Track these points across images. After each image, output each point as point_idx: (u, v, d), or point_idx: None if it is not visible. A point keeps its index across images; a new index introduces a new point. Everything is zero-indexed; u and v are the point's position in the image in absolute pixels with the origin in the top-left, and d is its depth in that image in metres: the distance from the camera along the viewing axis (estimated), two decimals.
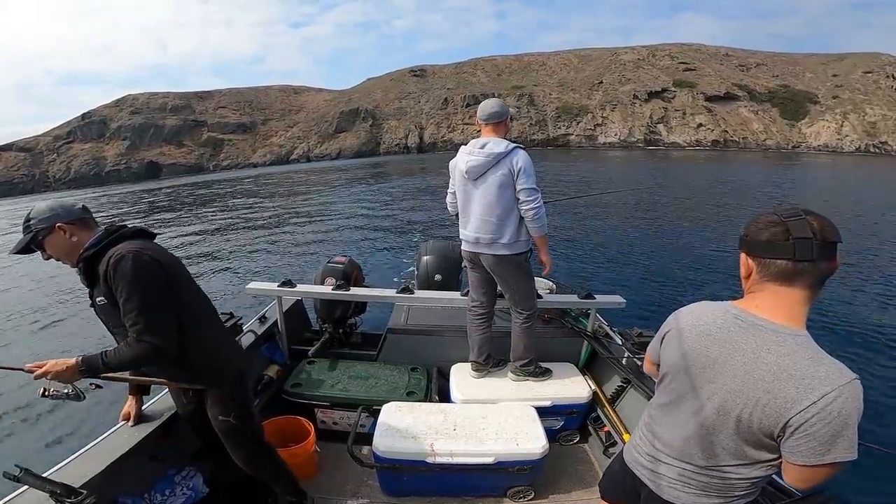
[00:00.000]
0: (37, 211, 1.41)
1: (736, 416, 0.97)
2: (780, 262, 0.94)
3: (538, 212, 2.20)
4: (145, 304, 1.33)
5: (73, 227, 1.41)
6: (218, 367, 1.58)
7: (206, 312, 1.61)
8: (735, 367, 0.97)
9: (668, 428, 1.16)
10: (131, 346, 1.34)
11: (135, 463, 1.66)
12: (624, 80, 66.63)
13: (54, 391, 1.38)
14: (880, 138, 50.96)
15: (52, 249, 1.42)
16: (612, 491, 1.41)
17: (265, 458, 1.76)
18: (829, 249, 0.91)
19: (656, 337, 1.24)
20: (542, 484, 2.16)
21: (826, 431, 0.85)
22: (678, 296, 6.89)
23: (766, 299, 0.98)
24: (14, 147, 63.97)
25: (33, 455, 3.65)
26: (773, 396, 0.91)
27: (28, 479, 1.29)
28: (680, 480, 1.12)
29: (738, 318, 1.01)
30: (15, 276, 10.43)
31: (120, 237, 1.42)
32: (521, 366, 2.50)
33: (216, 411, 1.59)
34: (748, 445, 0.99)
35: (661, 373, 1.20)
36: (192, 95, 78.22)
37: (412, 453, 1.95)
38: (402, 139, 65.96)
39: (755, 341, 0.96)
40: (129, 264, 1.32)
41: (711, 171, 27.44)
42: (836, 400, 0.85)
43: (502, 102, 2.37)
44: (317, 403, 2.44)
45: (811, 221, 0.91)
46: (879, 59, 62.14)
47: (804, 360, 0.90)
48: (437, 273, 3.31)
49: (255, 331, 2.59)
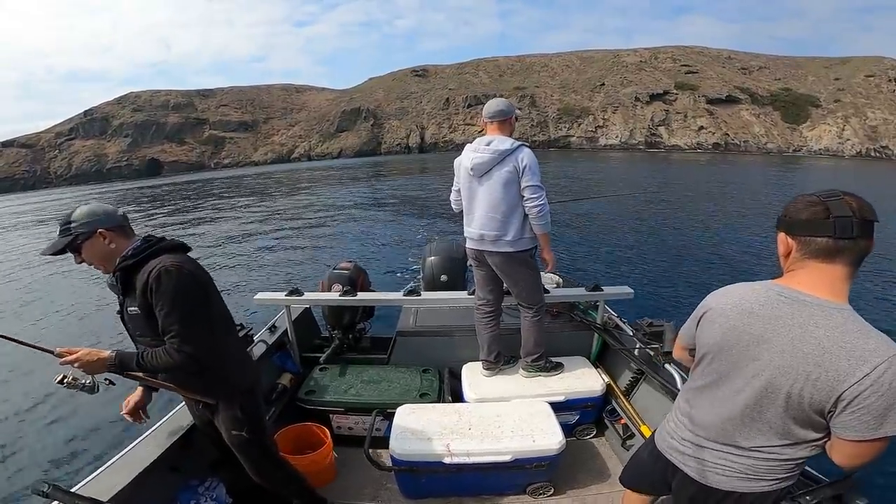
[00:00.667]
0: (79, 214, 1.40)
1: (786, 392, 0.97)
2: (821, 239, 0.95)
3: (542, 209, 2.20)
4: (186, 316, 1.36)
5: (113, 234, 1.41)
6: (231, 381, 1.58)
7: (227, 326, 1.63)
8: (782, 342, 0.97)
9: (707, 411, 1.15)
10: (171, 354, 1.36)
11: (158, 475, 1.67)
12: (626, 81, 66.63)
13: (73, 380, 1.38)
14: (881, 142, 50.92)
15: (88, 254, 1.41)
16: (636, 479, 1.41)
17: (278, 470, 1.76)
18: (867, 227, 0.93)
19: (690, 320, 1.23)
20: (560, 479, 2.16)
21: (880, 404, 0.86)
22: (686, 285, 6.95)
23: (808, 276, 0.99)
24: (16, 143, 64.07)
25: (53, 465, 3.70)
26: (824, 370, 0.90)
27: (57, 494, 1.30)
28: (722, 464, 1.11)
29: (781, 295, 1.01)
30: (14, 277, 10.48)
31: (160, 250, 1.43)
32: (531, 361, 2.50)
33: (228, 425, 1.59)
34: (796, 424, 0.98)
35: (698, 355, 1.19)
36: (194, 93, 78.30)
37: (429, 455, 1.95)
38: (404, 139, 65.98)
39: (801, 316, 0.96)
40: (173, 278, 1.34)
41: (712, 174, 27.45)
42: (888, 371, 0.85)
43: (508, 101, 2.37)
44: (331, 409, 2.44)
45: (849, 201, 0.94)
46: (882, 62, 62.10)
47: (853, 332, 0.90)
48: (442, 273, 3.30)
49: (266, 340, 2.60)
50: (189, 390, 1.58)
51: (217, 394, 1.58)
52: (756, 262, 8.25)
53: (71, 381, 1.37)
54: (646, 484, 1.37)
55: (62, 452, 3.89)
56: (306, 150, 67.79)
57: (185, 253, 1.52)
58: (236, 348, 1.68)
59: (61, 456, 3.85)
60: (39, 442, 4.06)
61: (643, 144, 58.39)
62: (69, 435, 4.07)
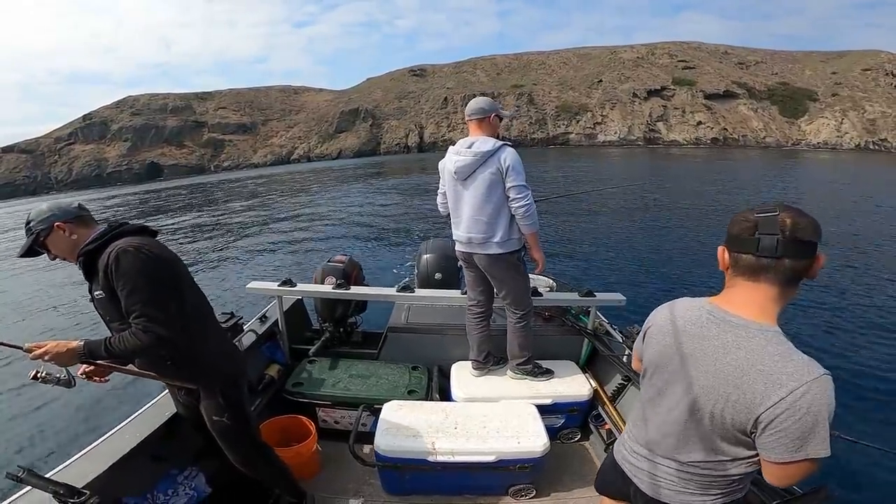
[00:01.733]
0: (35, 213, 1.45)
1: (709, 412, 0.97)
2: (746, 256, 0.94)
3: (528, 209, 2.17)
4: (148, 295, 1.35)
5: (71, 226, 1.44)
6: (211, 368, 1.57)
7: (203, 312, 1.61)
8: (706, 363, 0.98)
9: (651, 424, 1.16)
10: (136, 335, 1.35)
11: (137, 463, 1.66)
12: (623, 78, 66.64)
13: (47, 374, 1.37)
14: (880, 135, 50.97)
15: (55, 249, 1.45)
16: (604, 486, 1.43)
17: (261, 459, 1.75)
18: (797, 247, 0.89)
19: (640, 334, 1.25)
20: (543, 482, 2.16)
21: (797, 427, 0.85)
22: (678, 293, 6.85)
23: (738, 295, 0.99)
24: (16, 149, 64.18)
25: (33, 455, 3.69)
26: (742, 392, 0.91)
27: (31, 479, 1.29)
28: (670, 479, 1.11)
29: (710, 314, 1.01)
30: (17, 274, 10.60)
31: (121, 233, 1.44)
32: (517, 365, 2.49)
33: (210, 412, 1.59)
34: (724, 442, 0.99)
35: (643, 369, 1.21)
36: (192, 96, 78.39)
37: (413, 452, 1.95)
38: (403, 139, 66.07)
39: (725, 337, 0.96)
40: (129, 258, 1.34)
41: (711, 169, 27.43)
42: (805, 396, 0.84)
43: (490, 100, 2.32)
44: (318, 402, 2.43)
45: (784, 218, 0.90)
46: (878, 56, 62.12)
47: (772, 355, 0.89)
48: (437, 272, 3.30)
49: (256, 330, 2.59)
50: (167, 377, 1.58)
51: (197, 379, 1.57)
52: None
53: (45, 375, 1.36)
54: (614, 491, 1.37)
55: (38, 438, 3.87)
56: (305, 151, 67.86)
57: (151, 236, 1.52)
58: (215, 334, 1.66)
59: (37, 442, 3.83)
60: (14, 427, 4.05)
61: (642, 140, 58.40)
62: (46, 421, 4.07)
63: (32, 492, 1.35)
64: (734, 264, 0.99)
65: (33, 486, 1.32)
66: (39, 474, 1.32)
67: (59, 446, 3.74)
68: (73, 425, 4.04)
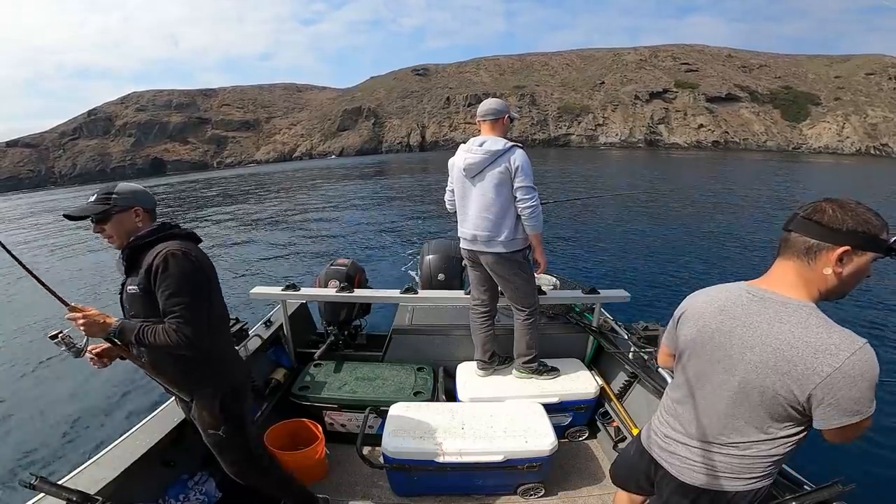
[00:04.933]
0: (123, 188, 1.47)
1: (758, 387, 0.99)
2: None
3: (534, 210, 2.18)
4: (189, 300, 1.38)
5: (146, 214, 1.49)
6: (213, 379, 1.56)
7: (221, 323, 1.63)
8: (752, 339, 1.00)
9: (687, 408, 1.16)
10: (169, 333, 1.37)
11: (148, 468, 1.67)
12: (626, 80, 66.73)
13: (67, 337, 1.33)
14: (881, 140, 50.97)
15: (115, 226, 1.44)
16: (624, 475, 1.43)
17: (259, 472, 1.72)
18: (805, 225, 0.96)
19: (670, 323, 1.25)
20: (552, 480, 2.16)
21: (851, 395, 0.89)
22: (683, 289, 6.62)
23: (773, 273, 1.03)
24: (20, 143, 64.60)
25: (44, 462, 3.70)
26: (793, 365, 0.93)
27: (44, 486, 1.30)
28: (700, 462, 1.12)
29: (749, 293, 1.05)
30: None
31: (171, 235, 1.46)
32: (524, 363, 2.49)
33: (205, 425, 1.56)
34: (772, 419, 1.00)
35: (678, 353, 1.21)
36: (196, 93, 78.70)
37: (421, 453, 1.95)
38: (405, 138, 66.25)
39: (768, 313, 0.99)
40: (179, 261, 1.37)
41: (712, 173, 27.33)
42: (855, 365, 0.88)
43: (502, 101, 2.37)
44: (325, 406, 2.43)
45: (823, 204, 0.96)
46: (882, 60, 62.08)
47: (816, 328, 0.93)
48: (440, 272, 3.30)
49: (261, 335, 2.59)
50: (166, 378, 1.54)
51: (192, 390, 1.56)
52: (754, 265, 8.11)
53: (63, 338, 1.33)
54: (632, 480, 1.38)
55: (50, 444, 3.88)
56: (308, 148, 68.09)
57: (196, 243, 1.55)
58: (225, 347, 1.68)
59: (49, 448, 3.85)
60: (27, 434, 4.07)
61: (643, 143, 58.52)
62: (58, 427, 4.09)
63: (46, 499, 1.36)
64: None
65: (46, 493, 1.33)
66: (52, 481, 1.34)
67: (69, 453, 3.75)
68: (81, 429, 4.06)
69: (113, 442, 1.70)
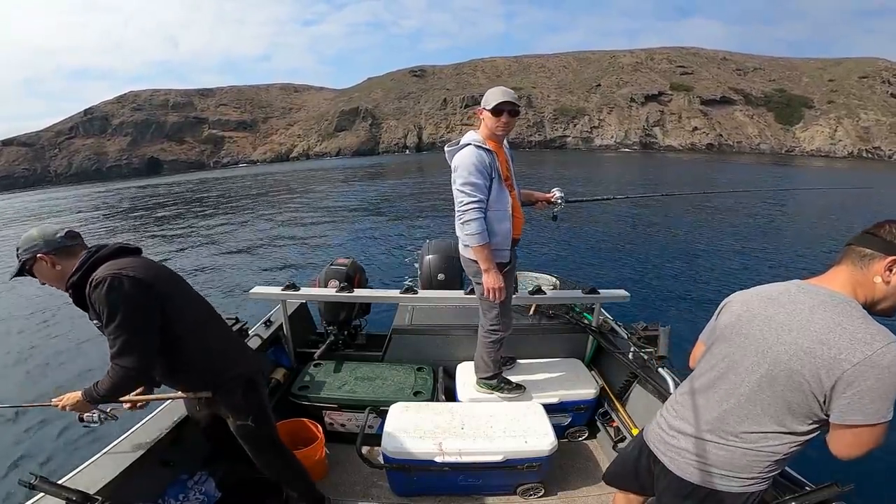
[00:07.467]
0: (23, 240, 1.41)
1: (787, 370, 1.00)
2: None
3: (462, 216, 1.91)
4: (120, 327, 1.31)
5: (53, 258, 1.39)
6: (224, 372, 1.55)
7: (205, 318, 1.58)
8: (792, 322, 1.03)
9: (705, 395, 1.17)
10: (112, 374, 1.34)
11: (147, 468, 1.67)
12: (622, 83, 67.12)
13: (87, 417, 1.46)
14: (873, 143, 51.52)
15: (41, 277, 1.43)
16: (620, 474, 1.44)
17: (284, 460, 1.74)
18: (866, 238, 1.03)
19: (712, 318, 1.27)
20: (551, 480, 2.17)
21: (877, 387, 0.89)
22: (682, 291, 6.88)
23: (827, 275, 1.08)
24: (16, 142, 64.35)
25: (43, 461, 3.69)
26: (828, 347, 0.94)
27: (44, 486, 1.30)
28: (700, 456, 1.13)
29: (798, 287, 1.09)
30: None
31: (98, 260, 1.39)
32: (481, 378, 2.37)
33: (233, 416, 1.56)
34: (789, 410, 1.02)
35: (711, 340, 1.23)
36: (193, 93, 78.58)
37: (421, 453, 1.95)
38: (401, 139, 66.38)
39: (814, 301, 1.03)
40: (104, 289, 1.29)
41: (707, 174, 27.56)
42: (887, 356, 0.89)
43: (493, 90, 2.05)
44: (324, 406, 2.43)
45: (886, 223, 1.02)
46: (876, 63, 62.73)
47: (856, 318, 0.96)
48: (439, 272, 3.30)
49: (261, 335, 2.59)
50: (181, 388, 1.59)
51: (212, 386, 1.55)
52: (754, 265, 8.12)
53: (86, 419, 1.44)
54: (630, 478, 1.39)
55: (50, 444, 3.86)
56: (305, 149, 68.08)
57: (131, 255, 1.46)
58: (223, 339, 1.64)
59: (49, 448, 3.83)
60: (27, 434, 4.05)
61: (638, 145, 58.82)
62: (58, 427, 4.05)
63: (45, 498, 1.36)
64: None
65: (46, 493, 1.33)
66: (52, 481, 1.34)
67: (69, 453, 3.74)
68: (81, 429, 4.21)
69: (112, 442, 1.70)
